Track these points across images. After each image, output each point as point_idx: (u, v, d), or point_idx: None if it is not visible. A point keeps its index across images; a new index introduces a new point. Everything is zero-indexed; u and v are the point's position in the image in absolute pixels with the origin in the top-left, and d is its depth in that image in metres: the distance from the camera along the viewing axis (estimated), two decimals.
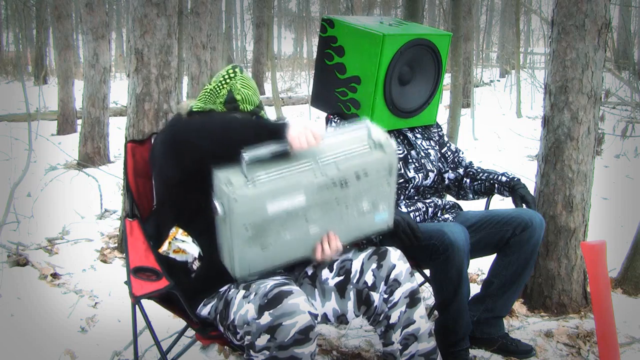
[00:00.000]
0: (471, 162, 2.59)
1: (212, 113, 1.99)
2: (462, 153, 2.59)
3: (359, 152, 1.78)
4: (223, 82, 2.02)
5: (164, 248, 1.87)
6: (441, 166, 2.52)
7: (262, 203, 1.64)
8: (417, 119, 2.50)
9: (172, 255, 1.87)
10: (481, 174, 2.49)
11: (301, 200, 1.68)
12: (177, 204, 1.90)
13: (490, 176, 2.46)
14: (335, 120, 2.42)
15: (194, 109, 2.00)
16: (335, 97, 2.44)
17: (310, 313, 1.61)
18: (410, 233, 2.06)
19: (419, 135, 2.51)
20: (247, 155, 1.63)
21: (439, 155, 2.53)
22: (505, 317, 2.48)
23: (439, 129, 2.62)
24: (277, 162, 1.70)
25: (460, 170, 2.54)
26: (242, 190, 1.62)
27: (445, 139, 2.61)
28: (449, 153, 2.56)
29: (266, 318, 1.59)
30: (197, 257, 1.85)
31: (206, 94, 2.02)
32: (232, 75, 2.03)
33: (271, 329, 1.58)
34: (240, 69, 2.07)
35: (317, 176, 1.70)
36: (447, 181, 2.55)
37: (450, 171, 2.54)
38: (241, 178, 1.63)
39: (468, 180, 2.51)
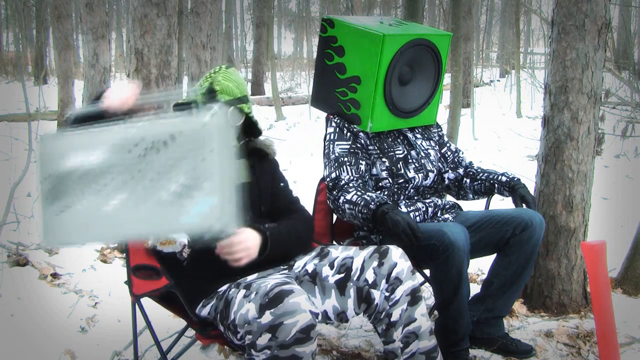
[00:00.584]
0: (471, 162, 2.59)
1: None
2: (462, 153, 2.59)
3: (175, 115, 1.56)
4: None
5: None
6: (441, 166, 2.52)
7: (60, 151, 1.52)
8: (417, 119, 2.50)
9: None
10: (481, 174, 2.49)
11: (95, 157, 1.50)
12: None
13: (490, 176, 2.46)
14: (336, 120, 2.42)
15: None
16: (335, 97, 2.44)
17: (311, 312, 1.61)
18: (410, 233, 2.06)
19: (419, 136, 2.51)
20: (72, 113, 1.61)
21: (439, 156, 2.53)
22: (505, 317, 2.48)
23: (439, 129, 2.62)
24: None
25: (460, 170, 2.54)
26: (46, 135, 1.57)
27: (445, 139, 2.61)
28: (449, 153, 2.56)
29: (267, 317, 1.59)
30: (186, 243, 1.84)
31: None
32: (217, 70, 2.03)
33: (272, 328, 1.58)
34: (228, 66, 2.08)
35: (118, 133, 1.51)
36: (447, 181, 2.55)
37: (450, 171, 2.54)
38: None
39: (468, 180, 2.51)
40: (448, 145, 2.58)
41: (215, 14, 6.27)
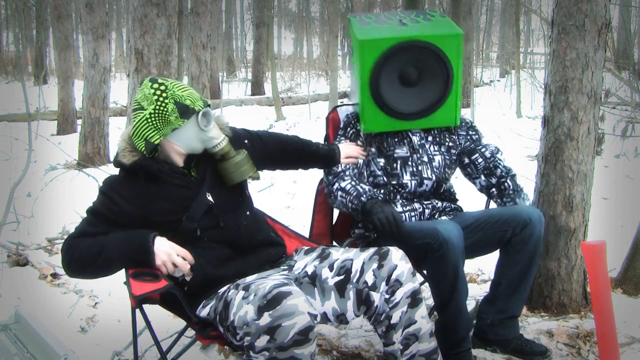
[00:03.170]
0: (509, 170, 2.48)
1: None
2: (501, 154, 2.52)
3: None
4: (160, 99, 1.86)
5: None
6: (448, 172, 2.48)
7: None
8: (430, 120, 2.44)
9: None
10: (508, 200, 2.41)
11: None
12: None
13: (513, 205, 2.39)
14: (349, 115, 2.51)
15: (155, 142, 1.87)
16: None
17: (309, 314, 1.61)
18: (394, 222, 2.09)
19: (430, 139, 2.48)
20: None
21: (449, 163, 2.48)
22: (519, 316, 2.43)
23: (473, 133, 2.55)
24: None
25: (493, 180, 2.47)
26: None
27: (480, 144, 2.53)
28: (480, 159, 2.49)
29: (265, 319, 1.58)
30: (189, 269, 1.85)
31: (150, 121, 1.86)
32: (162, 88, 1.88)
33: (270, 329, 1.58)
34: (160, 79, 1.92)
35: None
36: (478, 186, 2.52)
37: (483, 177, 2.49)
38: None
39: (495, 192, 2.46)
40: (482, 151, 2.50)
41: (215, 14, 6.26)
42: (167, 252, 1.80)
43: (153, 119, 1.87)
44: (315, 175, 2.63)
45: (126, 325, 2.12)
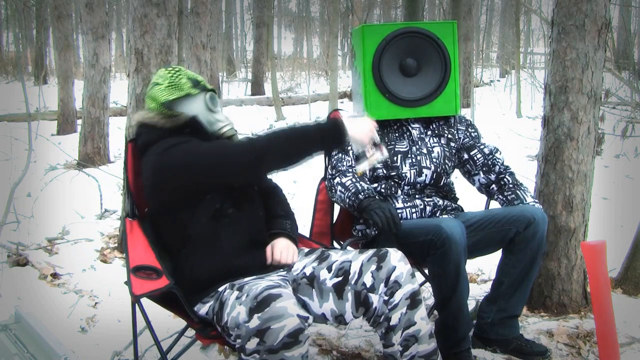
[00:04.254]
0: (507, 167, 2.53)
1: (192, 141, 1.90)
2: (499, 153, 2.54)
3: None
4: (174, 76, 2.02)
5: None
6: (448, 164, 2.50)
7: None
8: (430, 108, 2.48)
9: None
10: (509, 193, 2.44)
11: None
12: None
13: (516, 202, 2.41)
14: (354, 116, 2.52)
15: (171, 99, 1.96)
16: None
17: (299, 316, 1.60)
18: (390, 217, 2.11)
19: (429, 133, 2.51)
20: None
21: (449, 155, 2.50)
22: (520, 316, 2.44)
23: (472, 130, 2.58)
24: None
25: (492, 176, 2.50)
26: None
27: (479, 141, 2.55)
28: (479, 155, 2.51)
29: (255, 321, 1.58)
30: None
31: (165, 89, 1.99)
32: (175, 70, 2.05)
33: (260, 332, 1.57)
34: (174, 65, 2.13)
35: None
36: (477, 184, 2.54)
37: (481, 174, 2.51)
38: None
39: (495, 188, 2.49)
40: (480, 147, 2.53)
41: (215, 14, 6.25)
42: (366, 126, 1.90)
43: (168, 88, 1.99)
44: (315, 175, 2.63)
45: (126, 325, 2.12)
